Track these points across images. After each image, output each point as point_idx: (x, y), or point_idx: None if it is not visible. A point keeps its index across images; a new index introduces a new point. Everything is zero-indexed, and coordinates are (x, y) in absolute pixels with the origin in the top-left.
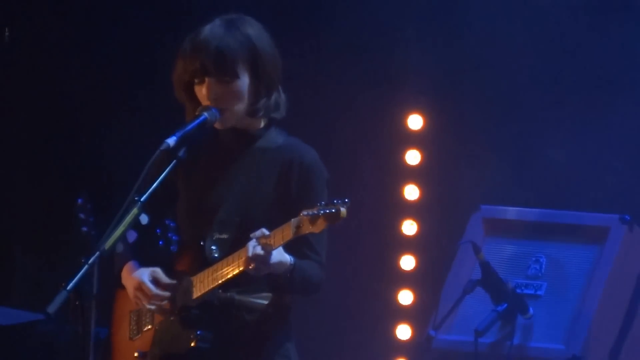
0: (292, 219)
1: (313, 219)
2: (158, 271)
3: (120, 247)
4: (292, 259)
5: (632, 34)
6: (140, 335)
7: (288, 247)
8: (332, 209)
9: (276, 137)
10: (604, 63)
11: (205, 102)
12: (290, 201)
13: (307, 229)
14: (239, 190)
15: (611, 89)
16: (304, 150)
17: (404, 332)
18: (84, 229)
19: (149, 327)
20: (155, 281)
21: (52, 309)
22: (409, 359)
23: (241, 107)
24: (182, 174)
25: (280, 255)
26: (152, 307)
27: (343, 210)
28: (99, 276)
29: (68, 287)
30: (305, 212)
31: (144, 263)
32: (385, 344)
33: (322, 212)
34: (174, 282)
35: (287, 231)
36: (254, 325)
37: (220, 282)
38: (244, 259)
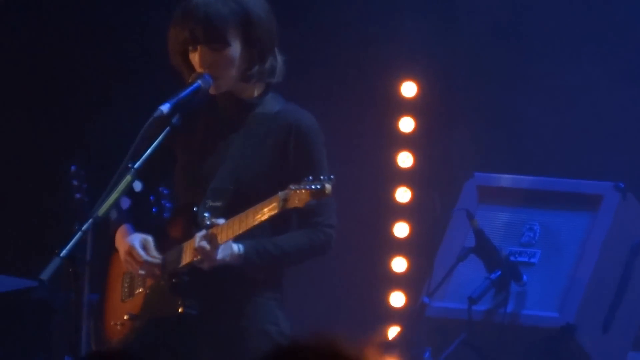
0: (280, 192)
1: (299, 194)
2: (149, 239)
3: (114, 214)
4: (241, 248)
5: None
6: (131, 297)
7: (282, 218)
8: (318, 184)
9: (273, 104)
10: (597, 31)
11: (198, 69)
12: (288, 168)
13: (293, 203)
14: (234, 157)
15: (604, 57)
16: (300, 116)
17: (397, 299)
18: (78, 195)
19: (140, 290)
20: (145, 247)
21: (45, 275)
22: (402, 326)
23: (234, 73)
24: (181, 141)
25: (227, 250)
26: (142, 272)
27: (328, 186)
28: (92, 243)
29: (62, 254)
30: (292, 186)
31: (139, 227)
32: (378, 311)
33: (308, 187)
34: (165, 250)
35: (274, 204)
36: (244, 292)
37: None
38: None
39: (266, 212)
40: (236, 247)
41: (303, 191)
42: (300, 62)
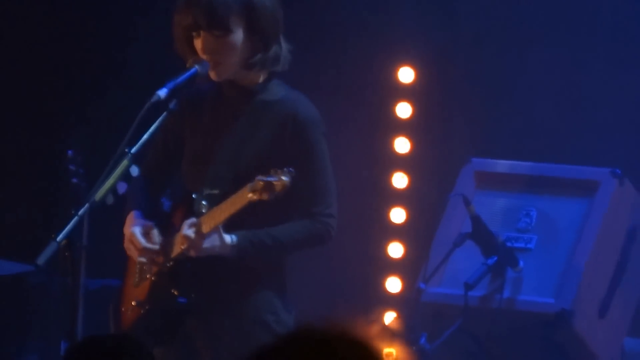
0: (248, 184)
1: (263, 186)
2: (151, 225)
3: (110, 199)
4: (234, 239)
5: None
6: (140, 284)
7: (283, 204)
8: (275, 177)
9: (276, 91)
10: (593, 17)
11: (202, 55)
12: (284, 157)
13: (258, 195)
14: (233, 145)
15: (600, 42)
16: (300, 105)
17: (393, 284)
18: (74, 180)
19: (148, 276)
20: (147, 235)
21: (41, 260)
22: (398, 311)
23: (236, 60)
24: (188, 128)
25: (217, 240)
26: (143, 259)
27: (285, 179)
28: (88, 228)
29: (58, 239)
30: (259, 177)
31: (147, 213)
32: (374, 296)
33: (268, 179)
34: (168, 236)
35: (243, 196)
36: (242, 282)
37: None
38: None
39: (238, 202)
40: (229, 238)
41: (262, 183)
42: (297, 48)
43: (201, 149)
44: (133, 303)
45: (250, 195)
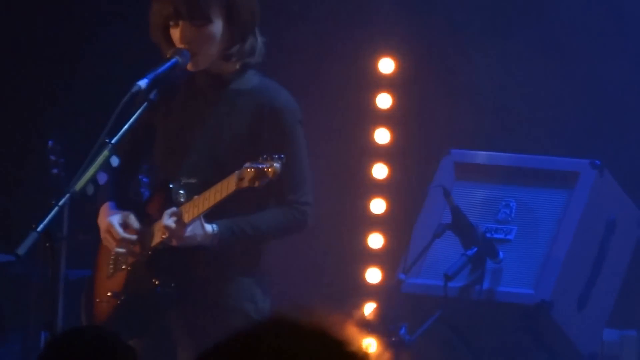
0: (236, 171)
1: (253, 173)
2: (130, 216)
3: (90, 189)
4: (215, 228)
5: None
6: (115, 275)
7: (260, 192)
8: (267, 164)
9: (250, 80)
10: (571, 8)
11: (179, 44)
12: (262, 145)
13: (247, 182)
14: (209, 133)
15: (582, 32)
16: (275, 93)
17: (373, 275)
18: (55, 170)
19: (124, 267)
20: (125, 225)
21: (22, 250)
22: (378, 302)
23: (214, 50)
24: (160, 117)
25: (198, 229)
26: (121, 250)
27: (277, 166)
28: (69, 218)
29: (38, 229)
30: (247, 165)
31: (121, 204)
32: (354, 287)
33: (258, 166)
34: (141, 226)
35: (230, 184)
36: (221, 270)
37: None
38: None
39: (224, 190)
40: (210, 228)
41: (252, 170)
42: (277, 39)
43: (175, 138)
44: (109, 294)
45: (238, 182)
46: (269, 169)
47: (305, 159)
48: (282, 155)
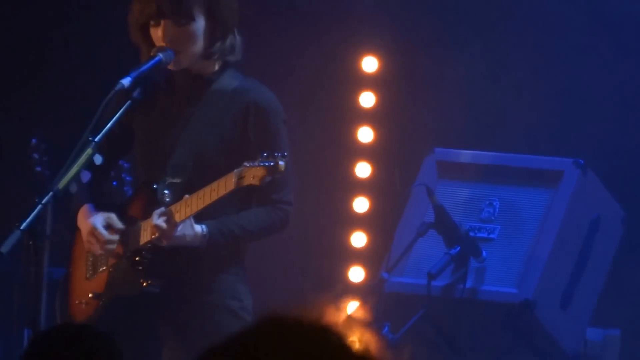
0: (235, 170)
1: (254, 171)
2: (112, 217)
3: (73, 188)
4: (204, 228)
5: None
6: (95, 276)
7: (241, 193)
8: (272, 161)
9: (232, 80)
10: (555, 12)
11: (160, 43)
12: (247, 145)
13: (249, 180)
14: (193, 134)
15: (565, 31)
16: (258, 93)
17: (356, 274)
18: (38, 168)
19: (104, 268)
20: (108, 226)
21: (5, 248)
22: (361, 301)
23: (196, 49)
24: (139, 116)
25: (188, 229)
26: (104, 251)
27: (281, 164)
28: (52, 216)
29: (21, 227)
30: (247, 163)
31: (100, 205)
32: (337, 286)
33: (262, 164)
34: (125, 227)
35: (229, 182)
36: (205, 269)
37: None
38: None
39: (222, 189)
40: (199, 228)
41: (257, 168)
42: (260, 38)
43: (158, 138)
44: (89, 295)
45: (238, 181)
46: (277, 166)
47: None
48: (285, 153)
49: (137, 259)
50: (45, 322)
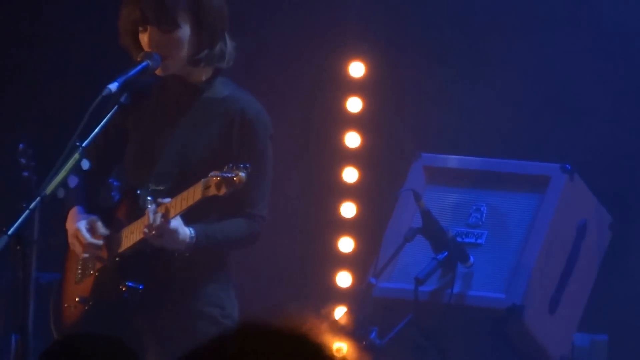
0: (202, 179)
1: (218, 181)
2: (95, 220)
3: (61, 193)
4: (192, 231)
5: None
6: (83, 280)
7: (220, 203)
8: (232, 173)
9: (222, 88)
10: (547, 11)
11: (147, 49)
12: (231, 155)
13: (213, 190)
14: (179, 141)
15: (550, 36)
16: (247, 104)
17: (344, 279)
18: (25, 173)
19: (92, 272)
20: (92, 230)
21: None
22: (349, 306)
23: (182, 55)
24: (132, 121)
25: (180, 227)
26: (87, 255)
27: (242, 175)
28: (39, 221)
29: (9, 232)
30: (213, 174)
31: (89, 208)
32: (325, 291)
33: (225, 175)
34: (109, 231)
35: (197, 191)
36: (188, 275)
37: (136, 241)
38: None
39: (190, 198)
40: (187, 231)
41: (218, 179)
42: (248, 43)
43: (146, 144)
44: (76, 299)
45: (204, 191)
46: (236, 178)
47: (270, 173)
48: (248, 165)
49: (120, 264)
50: (33, 327)
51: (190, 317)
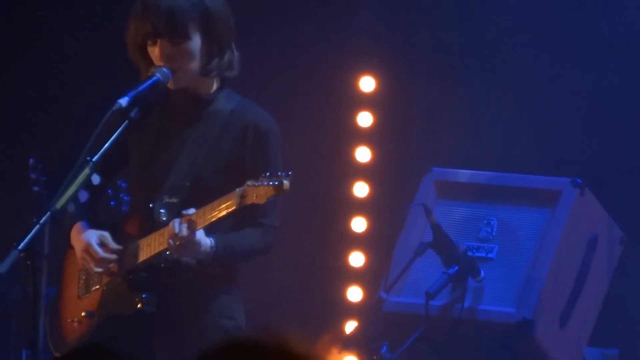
0: (237, 189)
1: (257, 190)
2: (106, 235)
3: (71, 207)
4: (212, 241)
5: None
6: (88, 294)
7: (234, 213)
8: (276, 181)
9: (229, 100)
10: (554, 27)
11: (158, 62)
12: (244, 167)
13: (252, 199)
14: (190, 154)
15: (561, 51)
16: (259, 116)
17: (355, 294)
18: (36, 188)
19: (97, 287)
20: (103, 244)
21: (3, 268)
22: (359, 321)
23: (194, 67)
24: (134, 135)
25: (202, 238)
26: (99, 269)
27: (286, 183)
28: (50, 236)
29: (19, 247)
30: (249, 183)
31: (95, 223)
32: (336, 306)
33: (266, 183)
34: (121, 246)
35: (231, 201)
36: (200, 288)
37: (160, 250)
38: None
39: (224, 208)
40: (209, 241)
41: (261, 187)
42: (259, 56)
43: (154, 158)
44: (82, 314)
45: (241, 200)
46: (282, 186)
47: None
48: (290, 173)
49: (132, 278)
50: (44, 342)
51: (203, 329)
